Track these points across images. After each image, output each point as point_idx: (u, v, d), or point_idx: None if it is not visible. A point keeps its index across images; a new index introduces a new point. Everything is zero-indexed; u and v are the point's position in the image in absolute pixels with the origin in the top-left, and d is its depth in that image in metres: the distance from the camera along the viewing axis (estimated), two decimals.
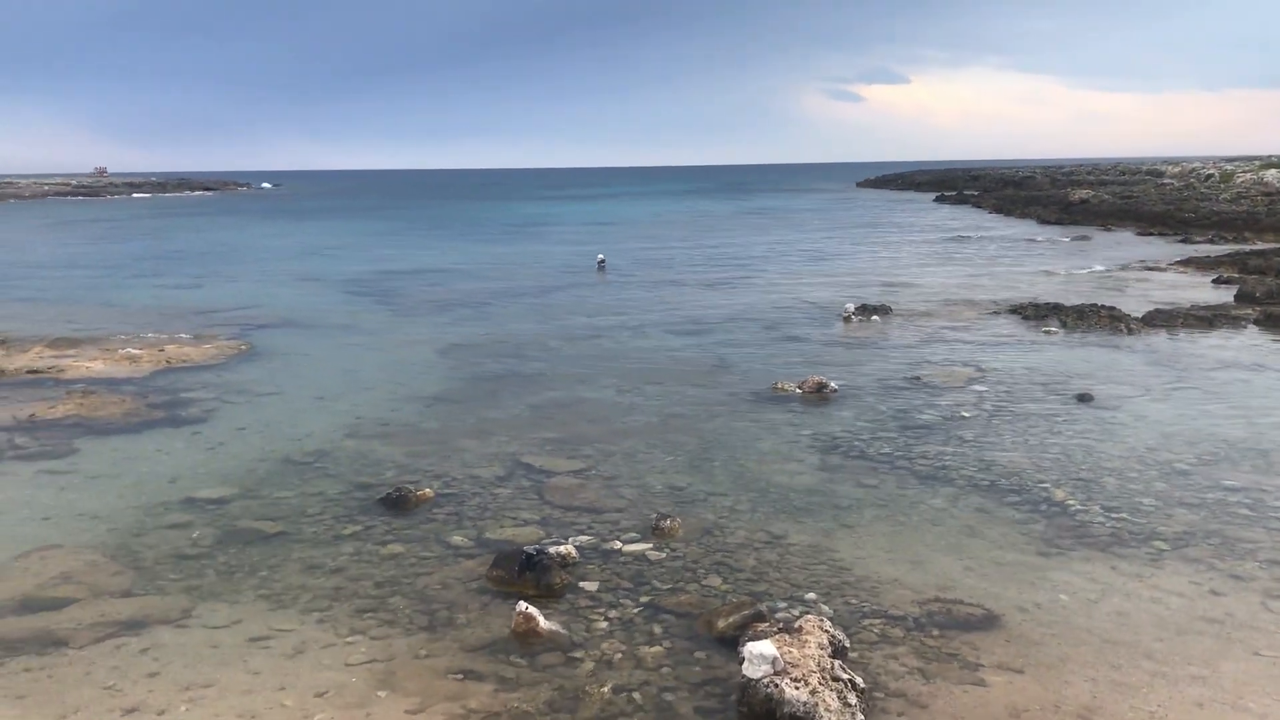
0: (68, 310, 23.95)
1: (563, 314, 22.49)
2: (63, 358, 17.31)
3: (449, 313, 22.96)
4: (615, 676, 6.50)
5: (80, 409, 13.52)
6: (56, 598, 7.72)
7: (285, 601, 7.67)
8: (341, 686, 6.36)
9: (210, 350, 18.02)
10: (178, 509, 9.76)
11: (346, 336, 19.90)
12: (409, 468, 11.03)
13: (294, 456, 11.45)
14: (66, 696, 6.23)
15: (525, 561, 7.87)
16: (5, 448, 11.83)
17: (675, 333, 19.75)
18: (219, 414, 13.51)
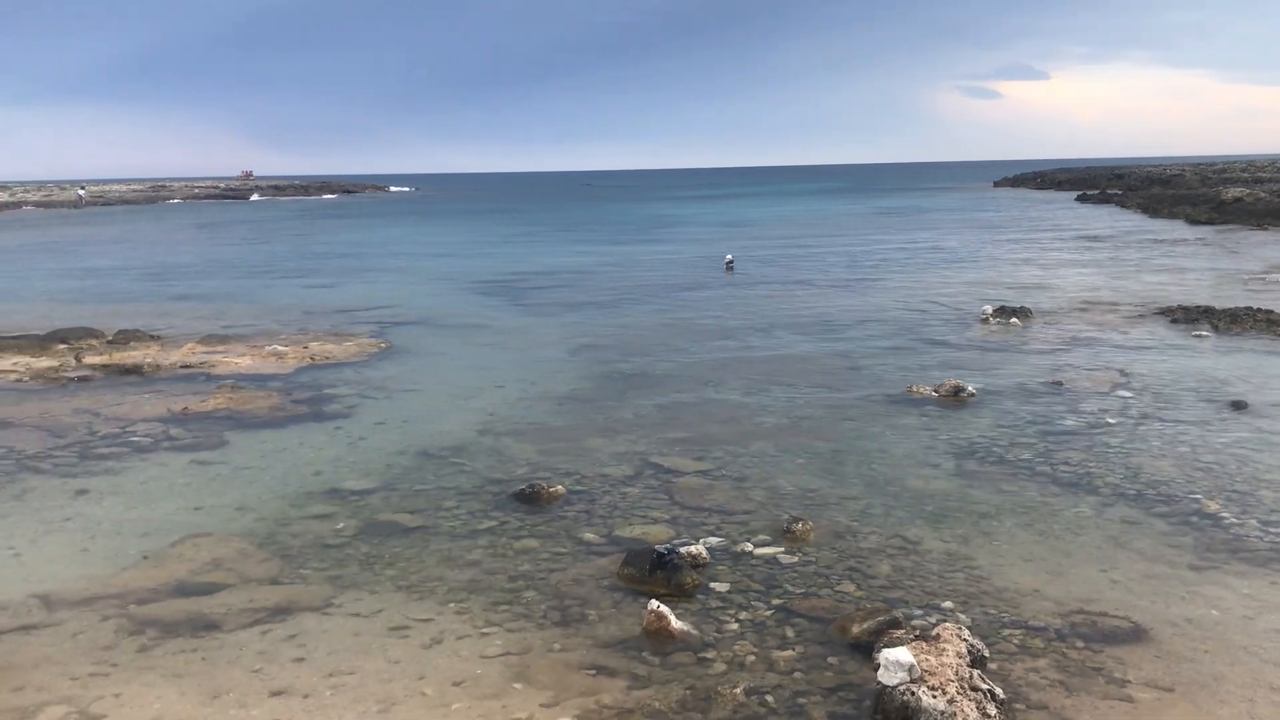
0: (218, 308, 25.03)
1: (691, 314, 22.50)
2: (213, 354, 18.10)
3: (578, 312, 23.21)
4: (748, 679, 6.46)
5: (230, 403, 14.11)
6: (208, 583, 8.06)
7: (423, 592, 7.85)
8: (478, 677, 6.48)
9: (351, 348, 18.59)
10: (321, 500, 10.09)
11: (480, 335, 20.29)
12: (541, 465, 11.18)
13: (431, 451, 11.72)
14: (218, 677, 6.49)
15: (656, 560, 7.89)
16: (161, 439, 12.41)
17: (805, 334, 19.56)
18: (360, 409, 13.92)
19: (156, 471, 11.14)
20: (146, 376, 16.26)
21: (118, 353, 18.30)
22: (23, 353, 18.27)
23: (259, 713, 6.03)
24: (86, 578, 8.19)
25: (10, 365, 17.18)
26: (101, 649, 6.92)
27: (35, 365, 17.12)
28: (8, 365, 17.18)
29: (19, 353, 18.28)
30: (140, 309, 24.98)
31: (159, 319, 22.75)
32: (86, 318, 22.27)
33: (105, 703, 6.17)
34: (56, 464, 11.38)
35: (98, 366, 16.96)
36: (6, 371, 16.69)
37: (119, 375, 16.37)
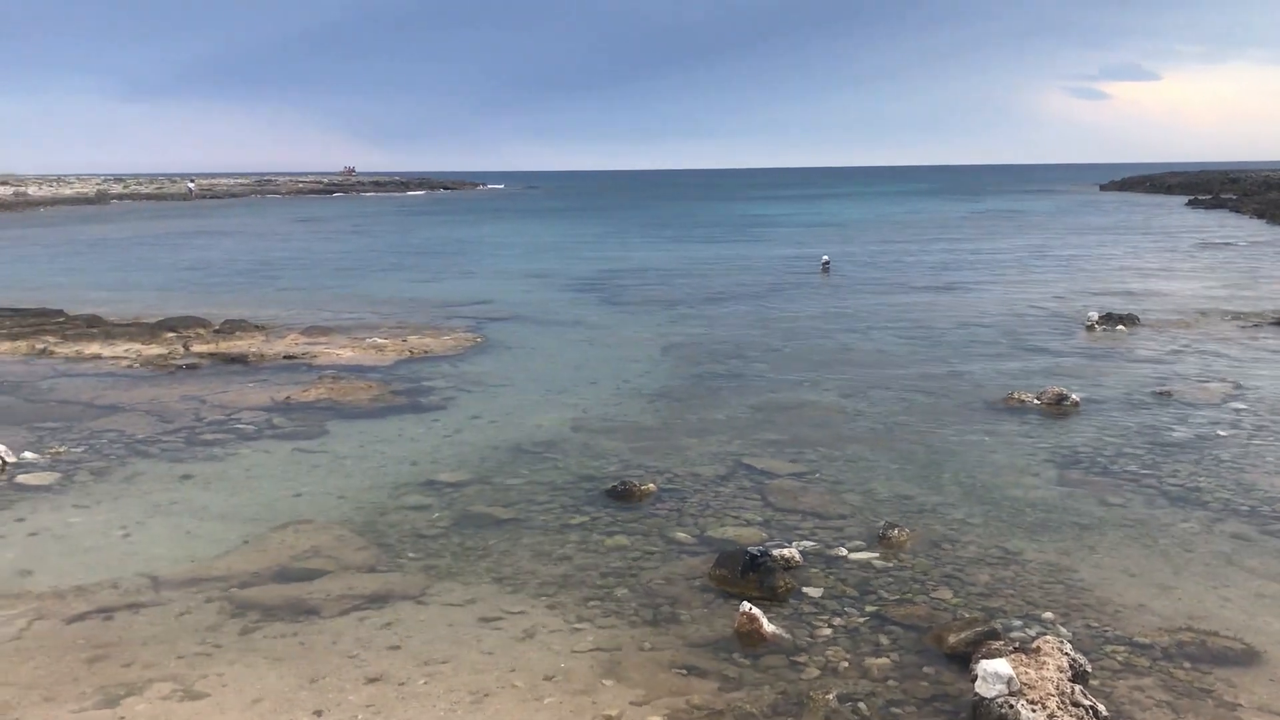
0: (320, 300, 25.60)
1: (785, 315, 22.33)
2: (315, 345, 18.50)
3: (671, 311, 23.20)
4: (840, 685, 6.37)
5: (330, 393, 14.40)
6: (308, 569, 8.23)
7: (516, 585, 7.91)
8: (569, 672, 6.50)
9: (448, 341, 18.85)
10: (417, 491, 10.24)
11: (573, 332, 20.41)
12: (632, 462, 11.19)
13: (524, 446, 11.81)
14: (316, 662, 6.62)
15: (749, 562, 7.83)
16: (264, 427, 12.73)
17: (903, 337, 19.26)
18: (455, 402, 14.10)
19: (260, 458, 11.43)
20: (251, 365, 16.70)
21: (224, 342, 18.83)
22: (134, 340, 18.91)
23: (355, 699, 6.14)
24: (191, 560, 8.43)
25: (122, 352, 17.80)
26: (205, 629, 7.11)
27: (146, 352, 17.71)
28: (120, 352, 17.80)
29: (130, 340, 18.92)
30: (245, 299, 25.67)
31: (263, 309, 23.35)
32: (195, 307, 22.98)
33: (209, 682, 6.33)
34: (164, 449, 11.74)
35: (205, 355, 17.48)
36: (119, 358, 17.30)
37: (225, 364, 16.85)
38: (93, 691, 6.19)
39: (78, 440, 12.02)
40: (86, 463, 11.14)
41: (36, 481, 10.44)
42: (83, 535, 9.01)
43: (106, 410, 13.56)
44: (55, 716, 5.90)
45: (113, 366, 16.65)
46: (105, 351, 17.86)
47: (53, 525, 9.25)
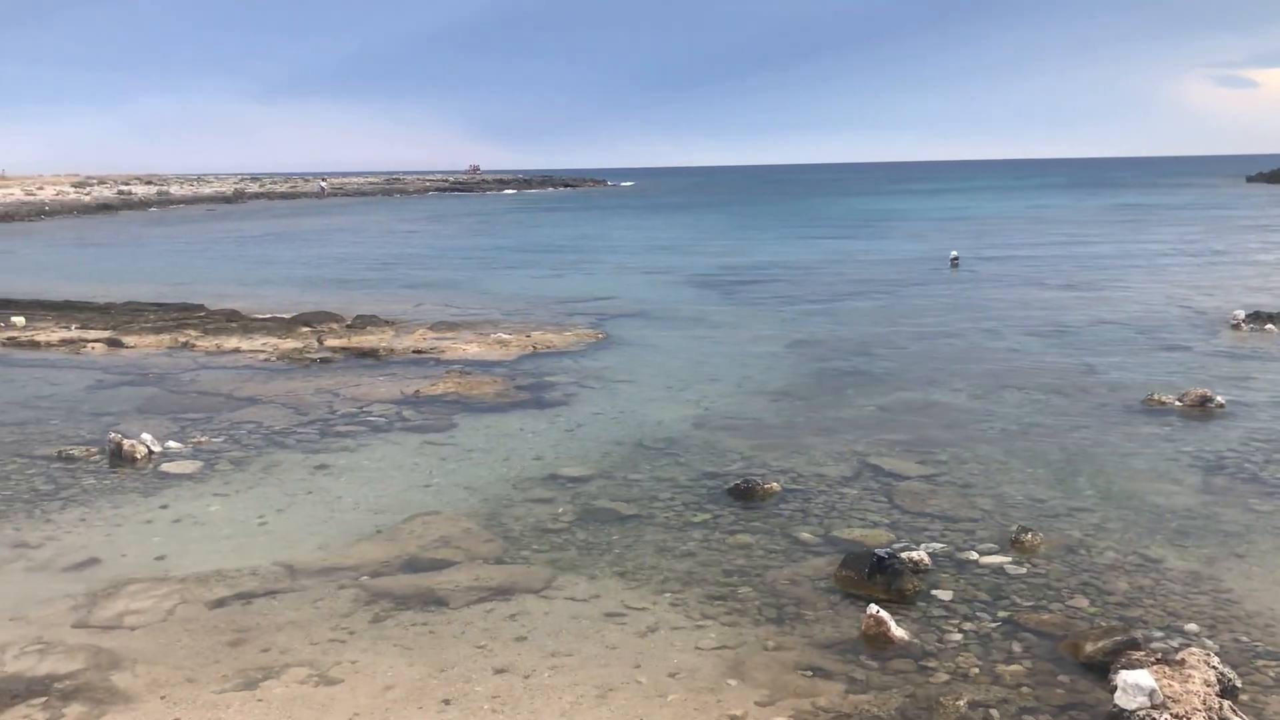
0: (446, 296, 26.13)
1: (912, 312, 21.90)
2: (443, 340, 18.88)
3: (794, 308, 22.98)
4: (971, 691, 6.20)
5: (458, 387, 14.67)
6: (437, 559, 8.38)
7: (639, 581, 7.91)
8: (693, 670, 6.47)
9: (570, 337, 19.02)
10: (541, 485, 10.34)
11: (695, 329, 20.37)
12: (755, 460, 11.10)
13: (646, 442, 11.83)
14: (445, 652, 6.73)
15: (876, 564, 7.68)
16: (395, 419, 13.03)
17: (1035, 336, 18.68)
18: (578, 398, 14.21)
19: (390, 450, 11.70)
20: (382, 360, 17.13)
21: (356, 336, 19.37)
22: (271, 334, 19.58)
23: (483, 689, 6.22)
24: (325, 548, 8.67)
25: (260, 346, 18.45)
26: (339, 617, 7.30)
27: (282, 346, 18.32)
28: (258, 346, 18.46)
29: (268, 334, 19.60)
30: (376, 295, 26.37)
31: (393, 305, 23.94)
32: (328, 302, 23.68)
33: (342, 668, 6.49)
34: (300, 440, 12.11)
35: (337, 349, 17.99)
36: (256, 351, 17.93)
37: (357, 358, 17.32)
38: (233, 674, 6.41)
39: (218, 430, 12.49)
40: (226, 452, 11.56)
41: (180, 470, 10.88)
42: (223, 522, 9.35)
43: (245, 402, 14.07)
44: (198, 696, 6.12)
45: (251, 360, 17.27)
46: (244, 345, 18.54)
47: (195, 512, 9.62)
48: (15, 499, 10.00)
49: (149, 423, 12.67)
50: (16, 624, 7.20)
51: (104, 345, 18.71)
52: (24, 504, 9.85)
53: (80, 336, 19.56)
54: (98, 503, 9.88)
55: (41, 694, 6.16)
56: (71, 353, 18.16)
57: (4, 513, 9.60)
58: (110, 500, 9.94)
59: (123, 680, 6.34)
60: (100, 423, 12.83)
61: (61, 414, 13.49)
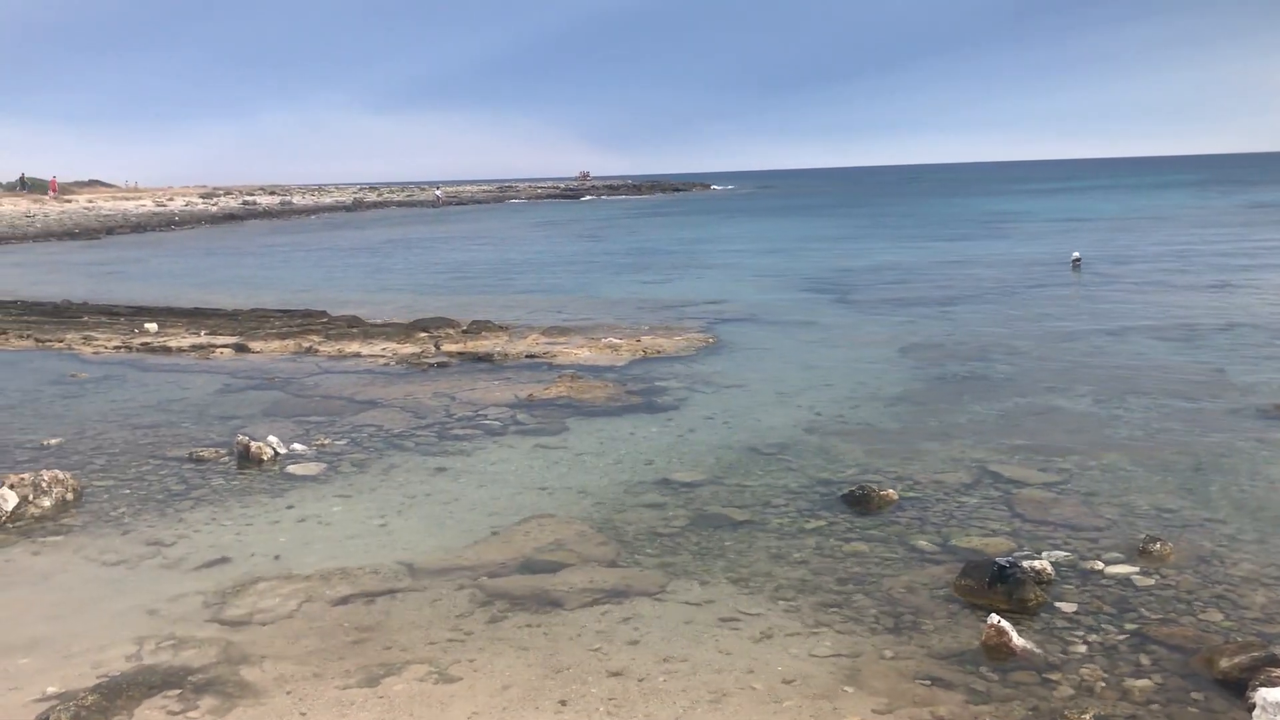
0: (558, 301, 26.42)
1: (1032, 315, 21.35)
2: (554, 345, 19.09)
3: (908, 310, 22.61)
4: (1097, 706, 6.01)
5: (569, 391, 14.81)
6: (551, 561, 8.47)
7: (753, 587, 7.87)
8: (808, 677, 6.41)
9: (680, 342, 19.04)
10: (653, 489, 10.37)
11: (806, 333, 20.20)
12: (869, 467, 10.95)
13: (757, 447, 11.77)
14: (559, 654, 6.80)
15: (997, 573, 7.50)
16: (509, 423, 13.22)
17: (1163, 339, 18.03)
18: (688, 402, 14.22)
19: (505, 453, 11.88)
20: (496, 364, 17.40)
21: (471, 341, 19.71)
22: (390, 339, 20.06)
23: (598, 691, 6.26)
24: (443, 549, 8.84)
25: (380, 351, 18.92)
26: (457, 616, 7.43)
27: (400, 351, 18.75)
28: (377, 351, 18.93)
29: (387, 339, 20.09)
30: (489, 300, 26.80)
31: (505, 310, 24.29)
32: (443, 308, 24.16)
33: (461, 667, 6.61)
34: (418, 443, 12.37)
35: (454, 354, 18.34)
36: (376, 356, 18.39)
37: (472, 362, 17.63)
38: (356, 670, 6.58)
39: (340, 433, 12.84)
40: (348, 454, 11.88)
41: (304, 472, 11.22)
42: (345, 523, 9.61)
43: (366, 405, 14.44)
44: (323, 693, 6.29)
45: (371, 364, 17.72)
46: (364, 350, 19.04)
47: (319, 512, 9.91)
48: (150, 498, 10.43)
49: (275, 425, 13.10)
50: (152, 618, 7.51)
51: (232, 350, 19.41)
52: (157, 503, 10.28)
53: (209, 342, 20.33)
54: (227, 502, 10.25)
55: (176, 686, 6.41)
56: (201, 357, 18.89)
57: (139, 511, 10.02)
58: (239, 500, 10.30)
59: (251, 675, 6.56)
60: (229, 425, 13.31)
61: (192, 417, 14.03)
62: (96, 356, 19.32)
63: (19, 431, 13.31)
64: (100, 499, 10.41)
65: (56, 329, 22.71)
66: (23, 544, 9.19)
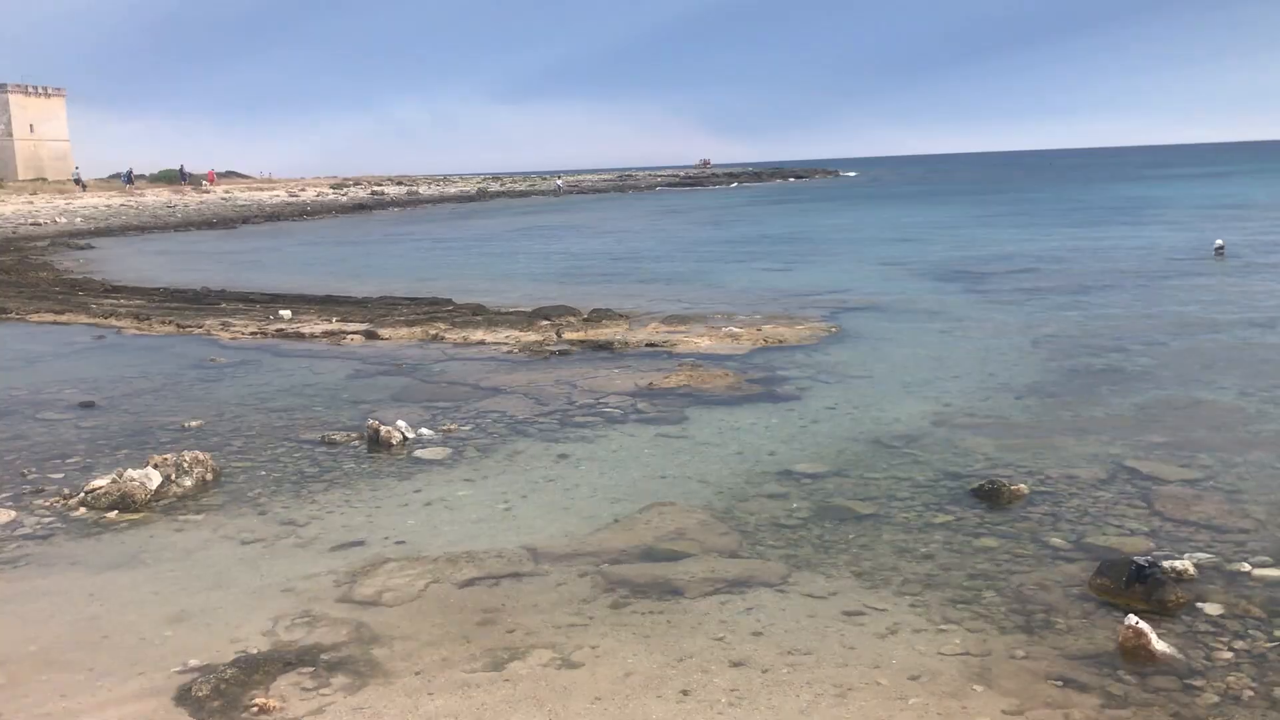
0: (676, 289, 26.41)
1: (1172, 305, 20.48)
2: (674, 333, 19.09)
3: (1041, 300, 21.92)
4: (1245, 715, 5.72)
5: (690, 380, 14.79)
6: (673, 550, 8.47)
7: (877, 581, 7.73)
8: (935, 674, 6.27)
9: (802, 331, 18.84)
10: (775, 480, 10.28)
11: (932, 322, 19.76)
12: (999, 461, 10.65)
13: (882, 439, 11.56)
14: (682, 642, 6.79)
15: (1135, 573, 7.21)
16: (630, 411, 13.27)
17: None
18: (810, 392, 14.05)
19: (626, 441, 11.92)
20: (616, 353, 17.48)
21: (592, 329, 19.85)
22: (513, 328, 20.34)
23: (720, 681, 6.23)
24: (566, 534, 8.92)
25: (503, 338, 19.20)
26: (580, 602, 7.48)
27: (523, 339, 19.00)
28: (501, 338, 19.21)
29: (510, 327, 20.37)
30: (609, 289, 26.94)
31: (625, 299, 24.38)
32: (565, 296, 24.36)
33: (584, 652, 6.65)
34: (541, 429, 12.51)
35: (575, 342, 18.50)
36: (500, 343, 18.67)
37: (593, 350, 17.74)
38: (481, 653, 6.68)
39: (466, 419, 13.07)
40: (473, 440, 12.08)
41: (431, 456, 11.45)
42: (471, 507, 9.77)
43: (490, 392, 14.67)
44: (451, 675, 6.41)
45: (494, 351, 17.99)
46: (488, 337, 19.35)
47: (446, 496, 10.10)
48: (284, 480, 10.78)
49: (403, 410, 13.40)
50: (287, 596, 7.76)
51: (362, 337, 19.94)
52: (292, 484, 10.61)
53: (340, 328, 20.92)
54: (357, 485, 10.53)
55: (310, 664, 6.61)
56: (333, 344, 19.45)
57: (275, 492, 10.37)
58: (369, 483, 10.57)
59: (382, 654, 6.71)
60: (359, 410, 13.67)
61: (324, 401, 14.46)
62: (234, 342, 20.08)
63: (162, 414, 13.92)
64: (238, 479, 10.80)
65: (196, 315, 23.68)
66: (165, 522, 9.60)
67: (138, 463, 10.73)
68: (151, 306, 25.60)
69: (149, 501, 9.97)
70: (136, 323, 22.89)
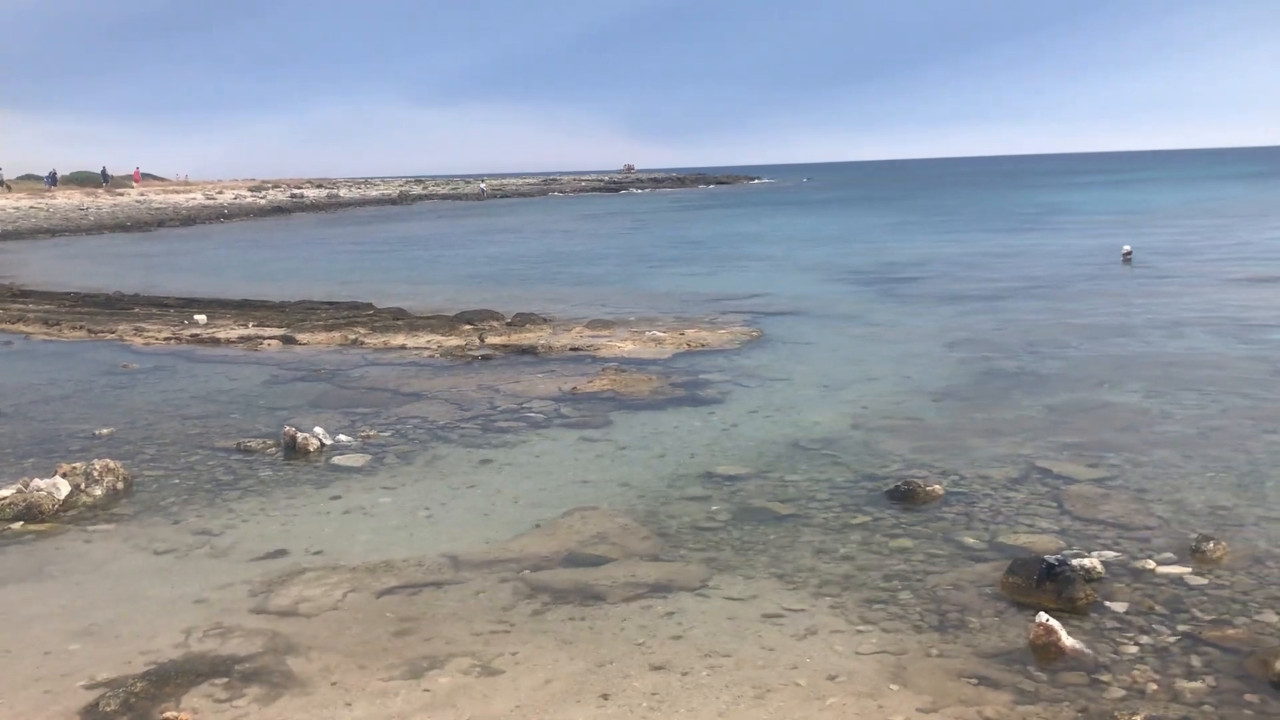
0: (602, 294, 26.42)
1: (1082, 310, 21.02)
2: (598, 338, 19.10)
3: (956, 305, 22.36)
4: (1148, 708, 5.90)
5: (613, 385, 14.80)
6: (594, 555, 8.47)
7: (796, 583, 7.82)
8: (852, 674, 6.36)
9: (725, 335, 18.97)
10: (697, 483, 10.34)
11: (852, 327, 20.05)
12: (915, 462, 10.84)
13: (802, 442, 11.69)
14: (603, 647, 6.79)
15: (1046, 571, 7.39)
16: (553, 415, 13.24)
17: (1216, 334, 17.68)
18: (732, 396, 14.16)
19: (549, 446, 11.89)
20: (540, 357, 17.43)
21: (515, 334, 19.77)
22: (435, 332, 20.17)
23: (640, 685, 6.25)
24: (487, 541, 8.87)
25: (425, 343, 19.03)
26: (500, 609, 7.45)
27: (445, 343, 18.84)
28: (422, 343, 19.04)
29: (432, 332, 20.20)
30: (533, 293, 26.86)
31: (550, 303, 24.34)
32: (488, 300, 24.23)
33: (504, 660, 6.62)
34: (462, 435, 12.43)
35: (498, 346, 18.40)
36: (422, 348, 18.50)
37: (516, 355, 17.67)
38: (400, 662, 6.61)
39: (386, 425, 12.92)
40: (393, 446, 11.95)
41: (350, 463, 11.30)
42: (390, 514, 9.67)
43: (411, 397, 14.53)
44: (368, 684, 6.33)
45: (416, 356, 17.82)
46: (409, 342, 19.16)
47: (365, 504, 9.98)
48: (198, 488, 10.57)
49: (321, 417, 13.22)
50: (200, 607, 7.61)
51: (279, 342, 19.61)
52: (206, 493, 10.41)
53: (257, 333, 20.55)
54: (274, 493, 10.36)
55: (224, 675, 6.48)
56: (249, 349, 19.10)
57: (188, 501, 10.15)
58: (285, 491, 10.40)
59: (297, 665, 6.61)
60: (276, 416, 13.44)
61: (240, 408, 14.20)
62: (147, 348, 19.61)
63: (72, 421, 13.54)
64: (150, 488, 10.56)
65: (108, 320, 23.09)
66: (74, 532, 9.35)
67: (45, 472, 10.43)
68: (62, 311, 24.90)
69: (56, 512, 9.70)
70: (45, 328, 22.26)
